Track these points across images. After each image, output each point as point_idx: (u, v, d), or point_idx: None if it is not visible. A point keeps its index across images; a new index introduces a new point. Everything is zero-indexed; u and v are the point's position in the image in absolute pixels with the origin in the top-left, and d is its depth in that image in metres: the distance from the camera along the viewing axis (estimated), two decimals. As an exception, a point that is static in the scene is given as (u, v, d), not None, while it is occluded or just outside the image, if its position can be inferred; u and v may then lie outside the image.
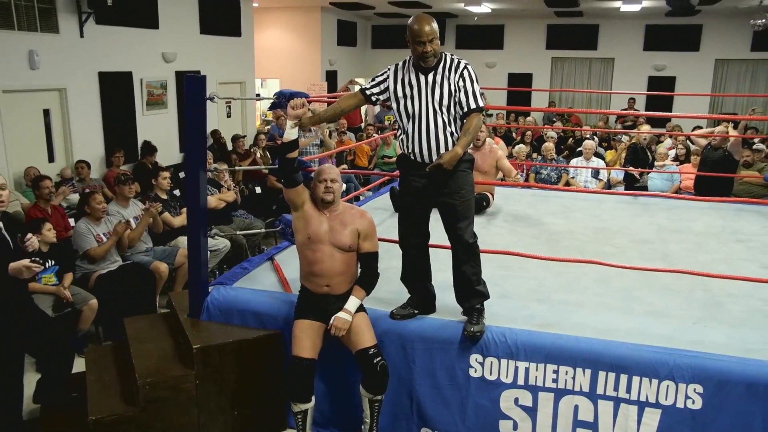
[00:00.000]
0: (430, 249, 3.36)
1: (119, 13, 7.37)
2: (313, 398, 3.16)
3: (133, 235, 5.01)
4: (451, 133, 3.05)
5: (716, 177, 6.30)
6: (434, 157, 3.03)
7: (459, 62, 3.04)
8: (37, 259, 3.10)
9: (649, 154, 7.85)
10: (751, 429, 2.82)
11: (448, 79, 3.01)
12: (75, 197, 6.09)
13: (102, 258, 4.81)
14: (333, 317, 3.08)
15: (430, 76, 3.03)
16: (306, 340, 3.10)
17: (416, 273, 3.33)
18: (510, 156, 7.99)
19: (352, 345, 3.10)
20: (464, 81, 3.00)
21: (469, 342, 3.13)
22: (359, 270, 3.24)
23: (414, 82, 3.05)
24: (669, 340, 3.03)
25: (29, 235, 3.19)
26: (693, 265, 3.90)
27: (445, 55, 3.07)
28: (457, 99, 3.01)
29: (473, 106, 2.99)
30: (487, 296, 3.19)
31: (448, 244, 3.20)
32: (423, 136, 3.06)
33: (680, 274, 3.65)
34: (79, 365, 3.88)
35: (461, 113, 3.03)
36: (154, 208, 5.13)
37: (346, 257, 3.16)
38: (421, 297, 3.35)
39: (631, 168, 7.34)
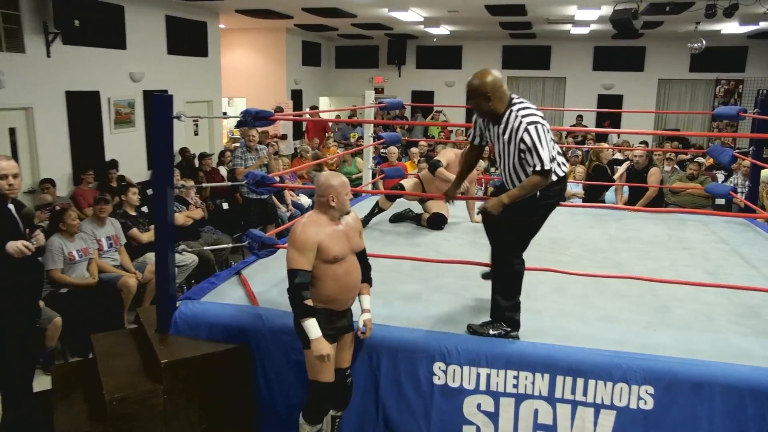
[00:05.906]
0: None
1: (86, 33, 7.24)
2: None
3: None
4: None
5: (641, 188, 6.46)
6: None
7: None
8: (34, 243, 3.08)
9: (609, 171, 7.97)
10: (697, 426, 2.87)
11: None
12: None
13: (60, 284, 4.64)
14: (362, 320, 2.99)
15: None
16: (330, 364, 2.91)
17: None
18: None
19: (336, 361, 2.96)
20: None
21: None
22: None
23: None
24: (621, 344, 3.07)
25: (38, 231, 3.23)
26: (642, 272, 3.98)
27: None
28: None
29: None
30: (505, 319, 3.12)
31: (410, 255, 3.17)
32: None
33: (631, 281, 3.74)
34: (45, 383, 3.75)
35: None
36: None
37: (357, 261, 3.02)
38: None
39: (587, 182, 7.46)
